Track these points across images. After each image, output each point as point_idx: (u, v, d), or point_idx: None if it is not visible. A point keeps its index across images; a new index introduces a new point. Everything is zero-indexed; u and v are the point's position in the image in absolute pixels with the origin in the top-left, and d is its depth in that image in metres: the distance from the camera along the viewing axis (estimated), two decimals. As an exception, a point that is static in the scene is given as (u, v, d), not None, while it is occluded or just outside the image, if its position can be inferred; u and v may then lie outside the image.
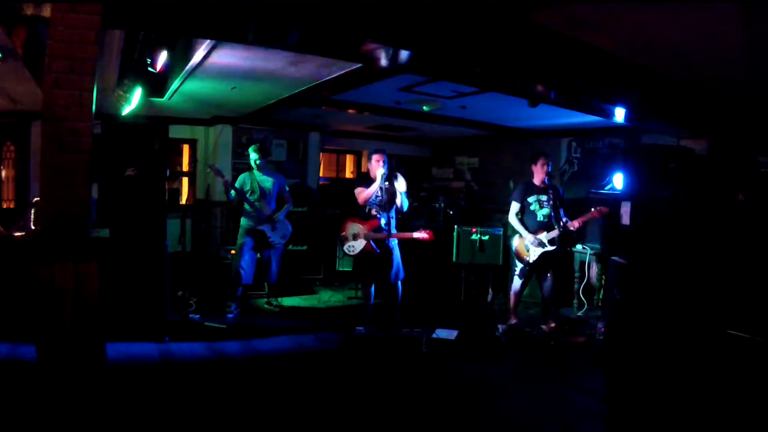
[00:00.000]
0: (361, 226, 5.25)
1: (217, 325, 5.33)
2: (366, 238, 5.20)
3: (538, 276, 5.51)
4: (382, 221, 5.17)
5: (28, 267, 2.53)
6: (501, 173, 9.04)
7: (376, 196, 5.23)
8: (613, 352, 4.84)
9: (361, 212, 5.33)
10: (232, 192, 5.73)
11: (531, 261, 5.36)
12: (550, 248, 5.30)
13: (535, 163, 5.46)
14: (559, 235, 5.32)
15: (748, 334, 4.18)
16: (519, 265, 5.49)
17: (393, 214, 5.23)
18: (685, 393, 4.02)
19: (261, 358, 4.55)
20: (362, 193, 5.26)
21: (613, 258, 5.06)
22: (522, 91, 4.37)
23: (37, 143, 6.81)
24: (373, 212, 5.25)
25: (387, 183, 5.17)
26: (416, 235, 5.15)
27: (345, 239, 5.32)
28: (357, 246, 5.23)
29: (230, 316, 5.60)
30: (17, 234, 5.30)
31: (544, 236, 5.28)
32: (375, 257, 5.18)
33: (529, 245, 5.34)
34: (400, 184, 5.21)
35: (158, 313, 4.79)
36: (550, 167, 5.44)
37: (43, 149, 2.54)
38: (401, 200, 5.25)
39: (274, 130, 8.51)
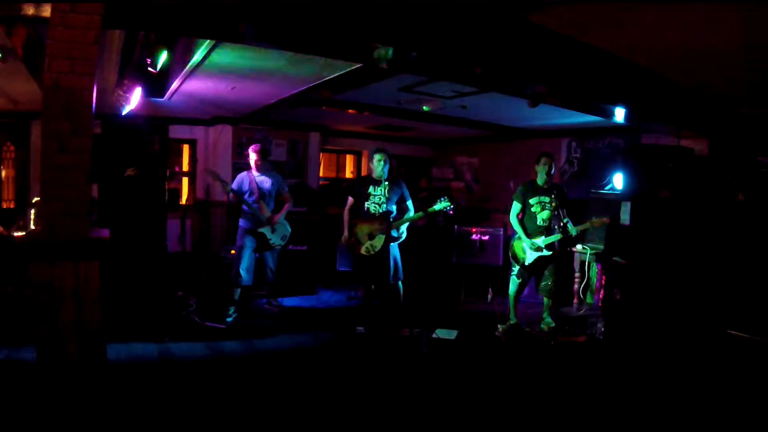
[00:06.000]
0: (371, 224, 5.20)
1: (216, 325, 5.33)
2: (383, 231, 5.13)
3: (537, 276, 5.51)
4: (393, 210, 5.17)
5: (28, 267, 2.53)
6: (501, 173, 9.04)
7: (378, 196, 5.24)
8: (613, 352, 4.84)
9: (363, 214, 5.29)
10: (229, 192, 5.72)
11: (526, 264, 5.35)
12: (547, 253, 5.28)
13: (538, 163, 5.44)
14: (559, 240, 5.29)
15: (748, 334, 4.18)
16: (517, 266, 5.49)
17: (393, 207, 5.24)
18: (685, 392, 4.02)
19: (261, 358, 4.55)
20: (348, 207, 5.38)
21: (614, 258, 5.06)
22: (522, 91, 4.38)
23: (37, 143, 6.81)
24: (371, 211, 5.23)
25: (388, 182, 5.17)
26: (437, 207, 5.15)
27: (359, 243, 5.22)
28: (378, 243, 5.16)
29: (229, 320, 5.52)
30: (17, 234, 5.31)
31: (541, 241, 5.27)
32: (376, 257, 5.14)
33: (526, 247, 5.34)
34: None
35: (158, 313, 4.79)
36: (553, 168, 5.41)
37: (43, 149, 2.54)
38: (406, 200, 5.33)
39: (274, 130, 8.52)
